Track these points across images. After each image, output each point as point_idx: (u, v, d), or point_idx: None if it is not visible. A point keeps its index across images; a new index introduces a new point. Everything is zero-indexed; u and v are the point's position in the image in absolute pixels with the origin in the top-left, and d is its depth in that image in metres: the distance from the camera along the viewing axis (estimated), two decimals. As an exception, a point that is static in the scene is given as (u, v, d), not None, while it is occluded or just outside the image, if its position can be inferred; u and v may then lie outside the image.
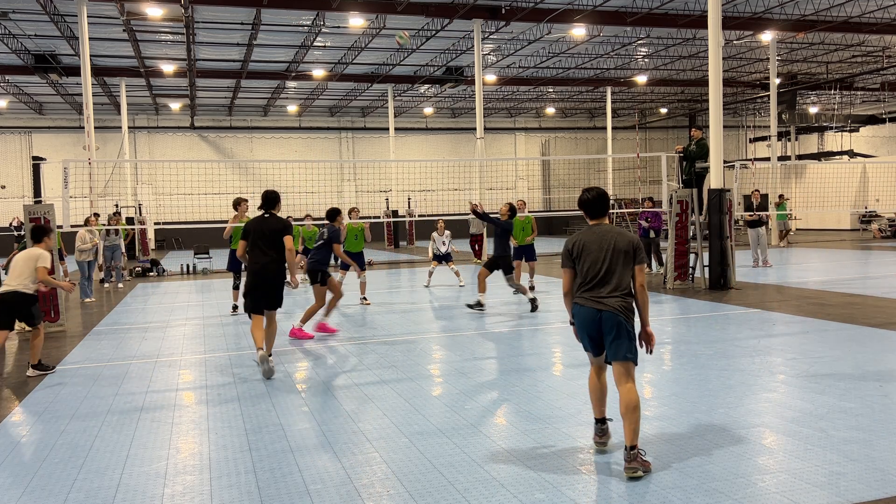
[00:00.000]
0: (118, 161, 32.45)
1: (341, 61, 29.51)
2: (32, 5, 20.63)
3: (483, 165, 26.25)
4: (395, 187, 37.75)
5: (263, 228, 7.77)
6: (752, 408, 5.78)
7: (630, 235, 4.71)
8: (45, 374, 7.94)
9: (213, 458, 4.98)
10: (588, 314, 4.64)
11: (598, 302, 4.60)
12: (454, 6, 22.22)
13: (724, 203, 13.69)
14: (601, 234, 4.69)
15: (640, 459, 4.42)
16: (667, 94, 40.80)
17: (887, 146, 41.69)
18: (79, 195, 17.94)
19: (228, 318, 11.85)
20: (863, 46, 29.69)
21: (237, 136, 40.99)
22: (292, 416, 5.96)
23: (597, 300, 4.61)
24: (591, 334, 4.70)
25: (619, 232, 4.69)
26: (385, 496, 4.24)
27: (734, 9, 23.55)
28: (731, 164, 22.93)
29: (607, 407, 4.96)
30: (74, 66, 26.52)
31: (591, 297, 4.64)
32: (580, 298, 4.68)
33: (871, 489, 4.10)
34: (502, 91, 37.56)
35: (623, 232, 4.70)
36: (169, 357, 8.72)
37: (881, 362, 7.19)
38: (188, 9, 20.63)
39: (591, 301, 4.63)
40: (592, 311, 4.62)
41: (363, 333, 9.99)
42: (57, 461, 5.03)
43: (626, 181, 44.19)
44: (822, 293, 12.55)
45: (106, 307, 13.91)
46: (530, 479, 4.42)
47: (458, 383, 6.89)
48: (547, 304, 12.46)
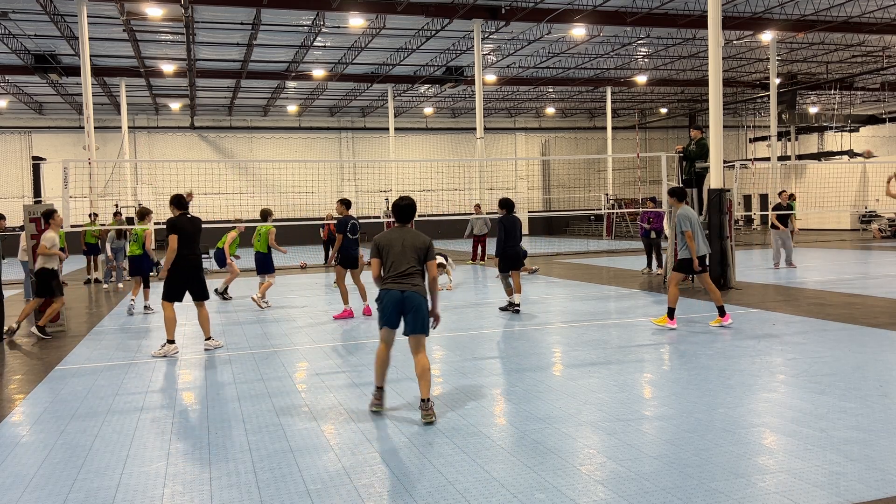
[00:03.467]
0: (118, 161, 32.46)
1: (341, 61, 29.52)
2: (32, 5, 20.63)
3: (483, 165, 26.27)
4: (395, 187, 37.76)
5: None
6: (752, 408, 5.77)
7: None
8: (42, 338, 10.09)
9: (213, 458, 4.98)
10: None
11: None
12: (454, 6, 22.23)
13: (724, 203, 13.69)
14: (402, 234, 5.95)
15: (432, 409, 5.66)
16: (667, 94, 40.82)
17: (887, 146, 41.70)
18: (79, 195, 17.96)
19: (229, 317, 11.85)
20: (863, 46, 29.70)
21: (237, 136, 41.00)
22: (292, 416, 5.96)
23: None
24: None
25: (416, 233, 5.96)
26: (385, 496, 4.24)
27: (734, 9, 23.56)
28: (731, 164, 22.92)
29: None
30: (74, 66, 26.54)
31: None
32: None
33: (871, 489, 4.10)
34: (502, 91, 37.57)
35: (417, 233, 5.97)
36: (169, 357, 8.72)
37: (881, 362, 7.19)
38: (188, 9, 20.64)
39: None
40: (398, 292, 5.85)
41: (363, 333, 9.99)
42: (57, 461, 5.03)
43: (626, 181, 44.20)
44: (822, 293, 12.54)
45: (106, 307, 13.91)
46: (530, 479, 4.42)
47: (458, 383, 6.89)
48: (547, 304, 12.47)
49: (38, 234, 11.11)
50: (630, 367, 7.37)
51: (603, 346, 8.46)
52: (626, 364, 7.53)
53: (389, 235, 5.94)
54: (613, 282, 15.47)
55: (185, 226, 8.85)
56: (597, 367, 7.44)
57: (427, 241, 5.95)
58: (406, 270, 5.81)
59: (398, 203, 6.05)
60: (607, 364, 7.55)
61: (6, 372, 8.20)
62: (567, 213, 26.35)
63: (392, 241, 5.89)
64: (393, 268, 5.85)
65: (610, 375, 7.03)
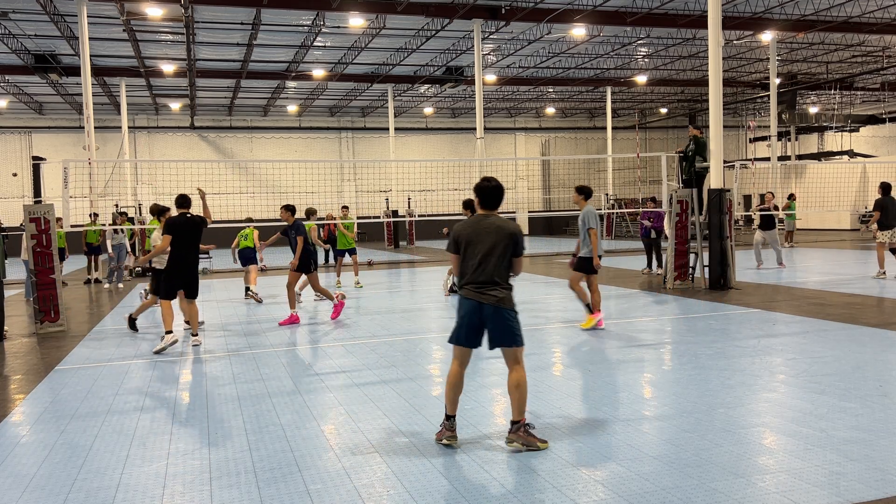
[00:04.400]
0: (118, 161, 32.45)
1: (341, 61, 29.51)
2: (32, 5, 20.63)
3: (483, 165, 26.27)
4: (395, 187, 37.76)
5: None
6: (752, 408, 5.77)
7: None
8: (131, 329, 10.46)
9: (213, 458, 4.98)
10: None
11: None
12: (454, 6, 22.22)
13: (724, 203, 13.69)
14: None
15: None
16: (667, 94, 40.81)
17: (887, 146, 41.69)
18: (79, 195, 17.96)
19: (228, 318, 11.85)
20: (863, 46, 29.70)
21: (237, 136, 41.00)
22: (292, 416, 5.96)
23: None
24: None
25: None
26: (385, 496, 4.24)
27: (734, 9, 23.55)
28: (731, 164, 22.92)
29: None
30: (74, 66, 26.53)
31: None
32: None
33: (871, 489, 4.10)
34: (502, 91, 37.57)
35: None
36: (169, 357, 8.72)
37: (881, 362, 7.19)
38: (188, 9, 20.63)
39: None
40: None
41: (363, 333, 9.99)
42: (57, 461, 5.03)
43: (626, 181, 44.20)
44: (822, 293, 12.54)
45: (106, 307, 13.91)
46: (530, 479, 4.42)
47: (458, 383, 6.89)
48: (546, 304, 12.47)
49: (38, 234, 11.10)
50: (630, 367, 7.37)
51: (603, 346, 8.46)
52: (626, 364, 7.53)
53: (473, 227, 5.00)
54: (613, 282, 15.47)
55: (180, 226, 9.07)
56: (597, 367, 7.44)
57: (515, 231, 4.96)
58: (488, 273, 4.92)
59: (483, 185, 5.05)
60: (607, 364, 7.55)
61: (6, 372, 8.20)
62: (567, 213, 26.44)
63: (474, 235, 4.96)
64: (473, 268, 4.95)
65: (610, 375, 7.03)
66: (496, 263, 4.92)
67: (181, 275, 9.16)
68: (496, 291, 4.92)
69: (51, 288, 11.09)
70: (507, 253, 4.94)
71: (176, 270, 9.16)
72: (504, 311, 4.91)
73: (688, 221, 14.11)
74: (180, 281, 9.18)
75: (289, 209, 11.39)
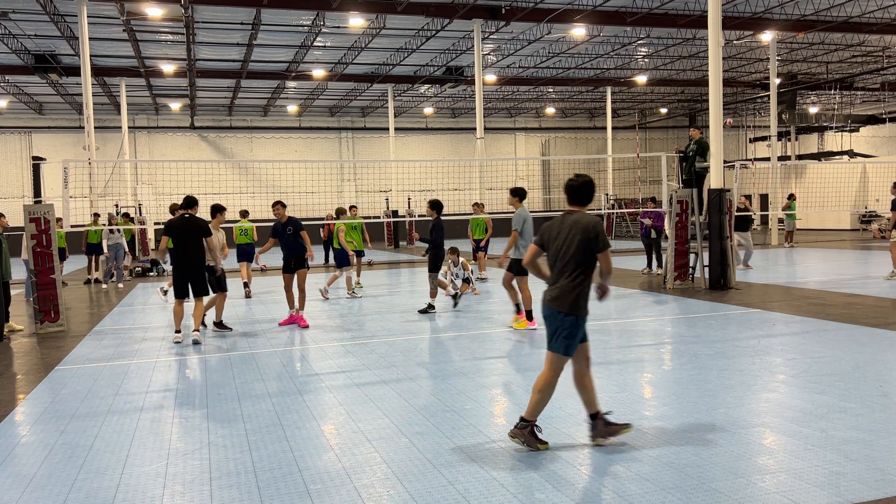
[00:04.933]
0: (118, 161, 32.46)
1: (341, 61, 29.51)
2: (32, 5, 20.63)
3: (483, 165, 26.27)
4: (395, 187, 37.76)
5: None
6: (752, 408, 5.77)
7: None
8: (223, 331, 10.30)
9: (213, 458, 4.98)
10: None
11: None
12: (454, 6, 22.23)
13: (724, 203, 13.69)
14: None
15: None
16: (667, 94, 40.81)
17: (887, 146, 41.69)
18: (79, 195, 17.97)
19: (228, 318, 11.85)
20: (863, 46, 29.69)
21: (237, 136, 41.00)
22: (292, 416, 5.96)
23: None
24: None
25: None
26: (385, 496, 4.24)
27: (734, 9, 23.55)
28: (731, 164, 22.92)
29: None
30: (74, 66, 26.53)
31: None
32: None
33: (871, 489, 4.10)
34: (502, 91, 37.57)
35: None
36: (169, 357, 8.72)
37: (881, 362, 7.19)
38: (188, 9, 20.63)
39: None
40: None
41: (363, 333, 9.99)
42: (57, 461, 5.03)
43: (626, 181, 44.20)
44: (822, 293, 12.54)
45: (106, 307, 13.91)
46: (530, 479, 4.42)
47: (458, 383, 6.89)
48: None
49: (38, 233, 11.10)
50: (630, 367, 7.37)
51: (603, 346, 8.46)
52: (626, 364, 7.53)
53: (556, 224, 4.91)
54: (613, 282, 15.47)
55: (176, 227, 9.40)
56: (597, 367, 7.43)
57: (589, 224, 4.74)
58: (556, 271, 4.84)
59: (572, 183, 4.92)
60: (607, 364, 7.55)
61: (6, 372, 8.20)
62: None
63: (555, 233, 4.87)
64: (550, 268, 4.92)
65: (610, 375, 7.03)
66: (565, 261, 4.76)
67: (184, 273, 9.50)
68: (553, 290, 4.83)
69: (51, 288, 11.09)
70: (582, 249, 4.71)
71: (178, 270, 9.53)
72: (552, 312, 4.79)
73: (688, 221, 14.12)
74: (184, 279, 9.51)
75: (282, 205, 11.40)
